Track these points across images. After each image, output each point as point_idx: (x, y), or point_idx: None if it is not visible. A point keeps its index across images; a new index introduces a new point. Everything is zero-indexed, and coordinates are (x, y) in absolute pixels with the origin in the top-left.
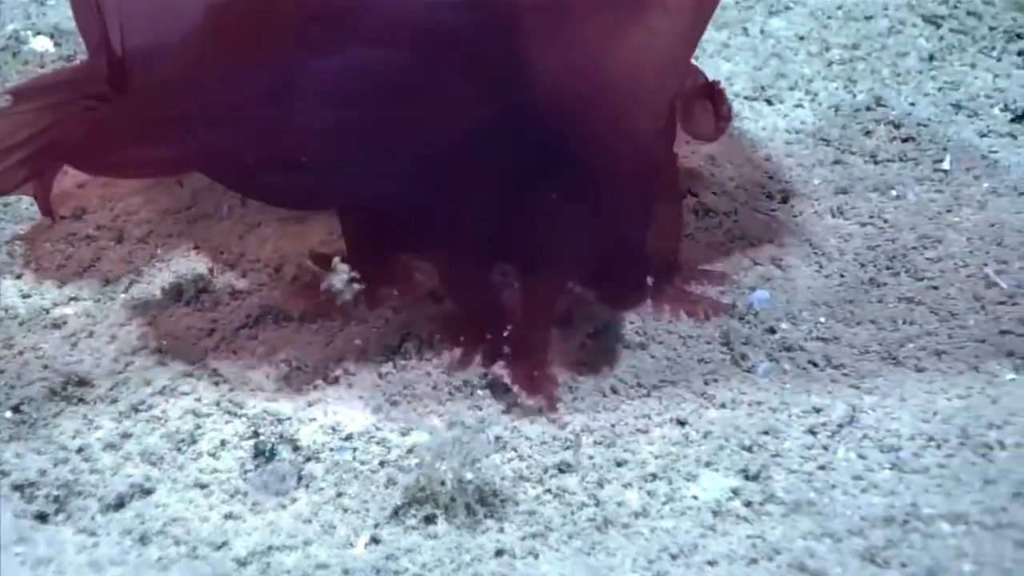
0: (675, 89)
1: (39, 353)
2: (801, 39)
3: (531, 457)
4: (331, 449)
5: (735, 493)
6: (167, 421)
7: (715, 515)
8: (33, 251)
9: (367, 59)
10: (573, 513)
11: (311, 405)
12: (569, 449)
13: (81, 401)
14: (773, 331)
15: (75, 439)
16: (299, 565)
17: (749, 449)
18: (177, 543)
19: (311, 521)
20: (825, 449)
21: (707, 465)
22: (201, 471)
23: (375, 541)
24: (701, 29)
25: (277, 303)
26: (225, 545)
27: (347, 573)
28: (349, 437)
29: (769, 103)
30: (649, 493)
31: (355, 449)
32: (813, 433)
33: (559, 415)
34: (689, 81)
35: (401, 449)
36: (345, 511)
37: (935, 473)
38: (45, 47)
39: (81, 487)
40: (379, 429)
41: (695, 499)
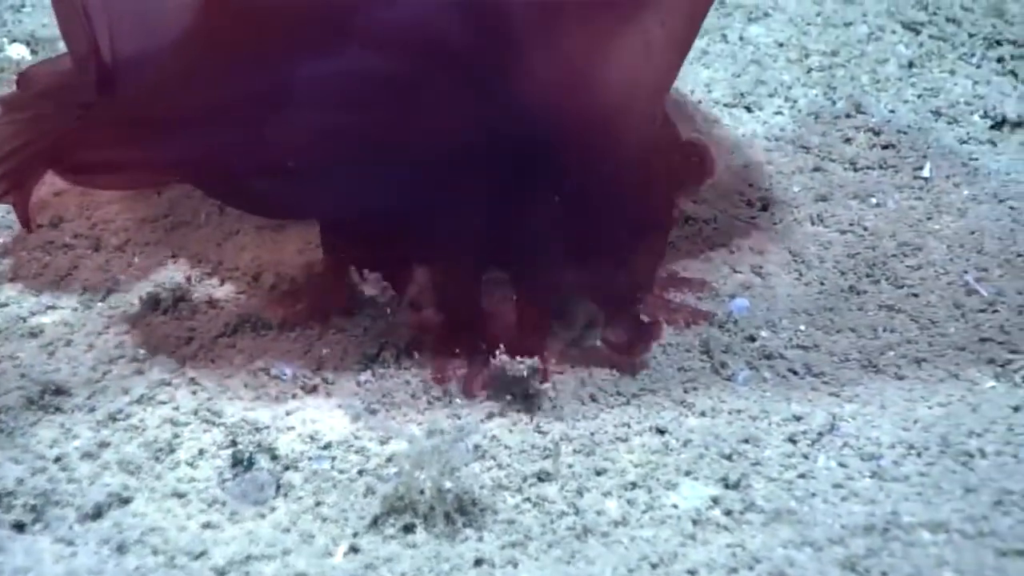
0: (666, 96)
1: (16, 362)
2: (780, 46)
3: (510, 466)
4: (310, 458)
5: (715, 502)
6: (145, 430)
7: (695, 524)
8: (10, 260)
9: (360, 64)
10: (552, 522)
11: (289, 414)
12: (548, 458)
13: (58, 410)
14: (753, 339)
15: (52, 448)
16: (278, 574)
17: (729, 457)
18: (155, 552)
19: (290, 530)
20: (805, 457)
21: (687, 474)
22: (179, 480)
23: (354, 550)
24: (694, 37)
25: (255, 311)
26: (203, 555)
27: None
28: (328, 446)
29: (748, 110)
30: (629, 502)
31: (334, 458)
32: (793, 441)
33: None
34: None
35: (380, 458)
36: (324, 520)
37: (916, 481)
38: (21, 54)
39: (59, 496)
40: (358, 438)
41: (675, 508)
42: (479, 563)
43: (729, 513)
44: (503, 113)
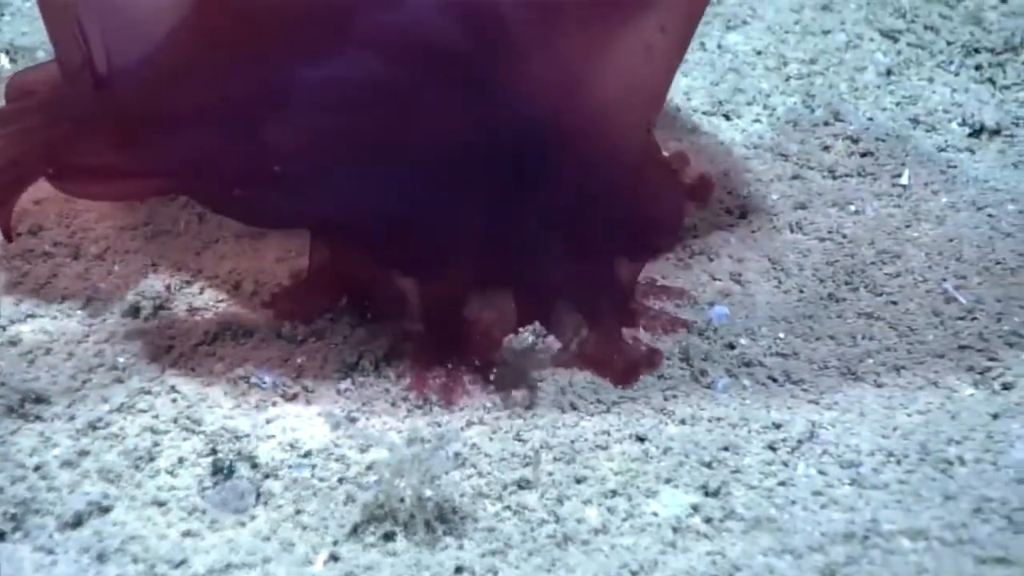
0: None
1: None
2: (759, 54)
3: (490, 474)
4: (290, 466)
5: (695, 509)
6: (125, 438)
7: (675, 531)
8: None
9: (358, 67)
10: (533, 530)
11: (269, 422)
12: (528, 466)
13: (38, 418)
14: (732, 347)
15: (32, 457)
16: None
17: (709, 465)
18: (135, 561)
19: (270, 538)
20: (785, 465)
21: (667, 481)
22: (159, 488)
23: (334, 558)
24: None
25: (236, 319)
26: (184, 563)
27: None
28: (308, 454)
29: (727, 118)
30: (609, 510)
31: (314, 466)
32: (773, 449)
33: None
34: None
35: (360, 466)
36: (304, 528)
37: (895, 489)
38: (1, 63)
39: (39, 505)
40: (338, 446)
41: (655, 515)
42: (459, 571)
43: (709, 521)
44: (501, 116)
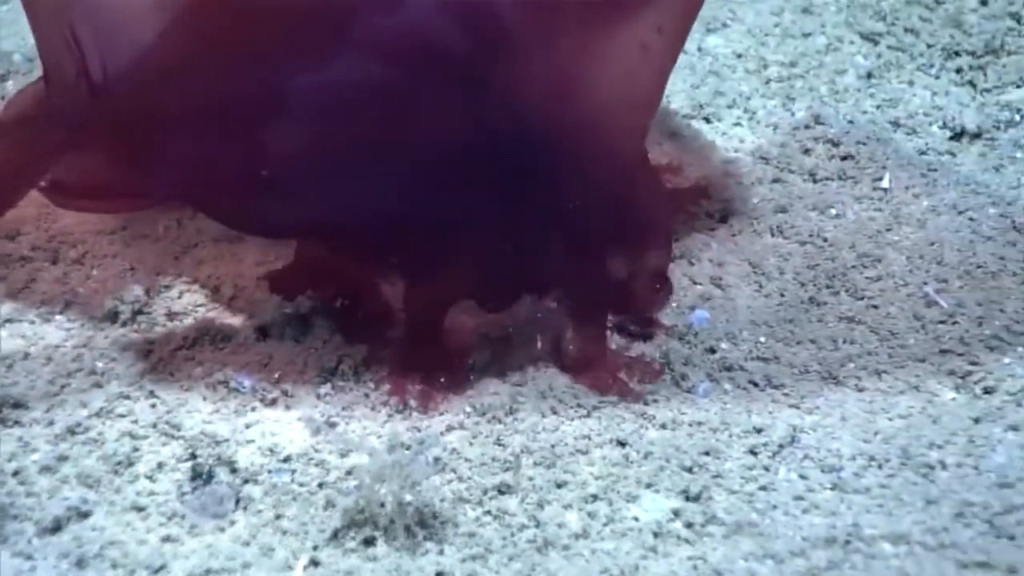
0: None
1: None
2: (739, 57)
3: (471, 478)
4: (269, 471)
5: (676, 514)
6: (104, 443)
7: (656, 536)
8: None
9: (356, 71)
10: (513, 535)
11: (249, 427)
12: (509, 470)
13: (17, 423)
14: (713, 351)
15: (11, 462)
16: None
17: (690, 470)
18: (115, 566)
19: (249, 544)
20: (766, 469)
21: (648, 486)
22: (138, 494)
23: (314, 563)
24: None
25: (214, 324)
26: (163, 568)
27: None
28: (287, 459)
29: (707, 121)
30: (589, 514)
31: (293, 471)
32: (754, 453)
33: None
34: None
35: (340, 471)
36: (284, 533)
37: (876, 493)
38: None
39: (17, 510)
40: (318, 451)
41: (636, 520)
42: None
43: (690, 526)
44: (499, 116)
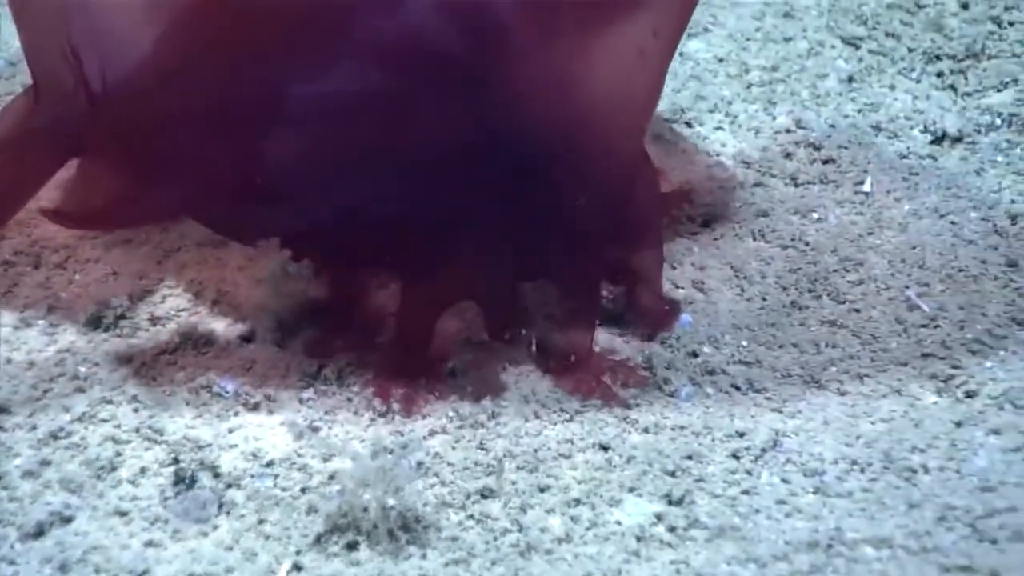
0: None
1: None
2: (720, 61)
3: (454, 483)
4: (252, 476)
5: (658, 518)
6: (87, 448)
7: (639, 540)
8: None
9: (355, 74)
10: (496, 539)
11: (232, 431)
12: (492, 475)
13: None
14: (695, 355)
15: None
16: None
17: (672, 474)
18: (97, 571)
19: (232, 548)
20: (748, 473)
21: (630, 490)
22: (121, 498)
23: (297, 568)
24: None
25: (197, 329)
26: (146, 573)
27: None
28: (270, 463)
29: (689, 125)
30: (572, 518)
31: (276, 476)
32: (736, 457)
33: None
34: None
35: (323, 475)
36: (267, 538)
37: (859, 497)
38: None
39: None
40: (300, 455)
41: (618, 524)
42: None
43: (673, 530)
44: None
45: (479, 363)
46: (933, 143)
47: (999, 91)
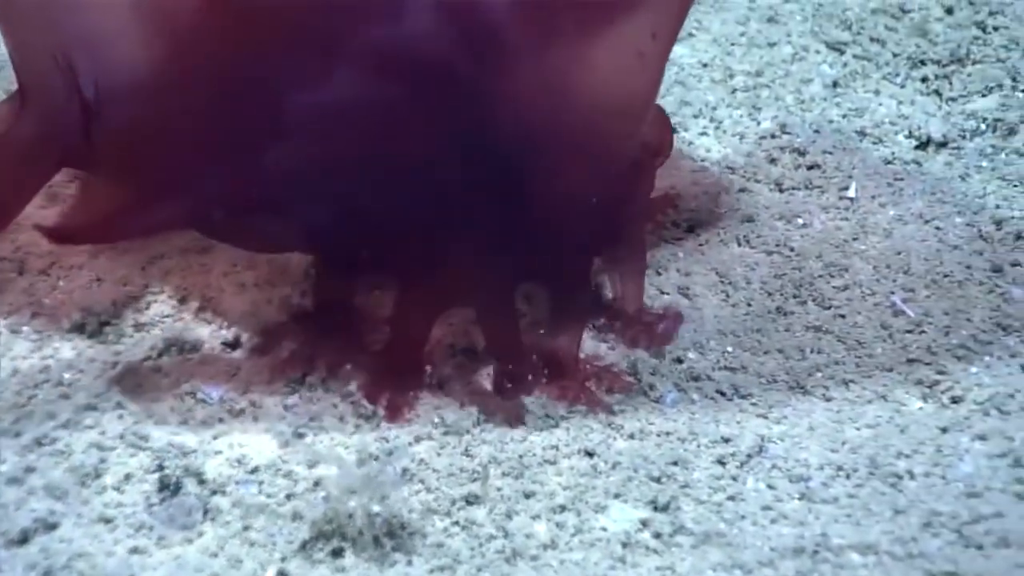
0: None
1: None
2: (704, 66)
3: (439, 489)
4: (237, 482)
5: (644, 524)
6: (71, 455)
7: (624, 547)
8: None
9: (355, 84)
10: (481, 545)
11: (216, 438)
12: (477, 481)
13: None
14: (680, 361)
15: None
16: None
17: (658, 480)
18: None
19: (217, 555)
20: (734, 479)
21: (616, 496)
22: (106, 505)
23: (282, 575)
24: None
25: (182, 335)
26: None
27: None
28: (255, 470)
29: (673, 131)
30: (558, 525)
31: (261, 482)
32: (722, 463)
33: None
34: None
35: (308, 482)
36: (252, 545)
37: (845, 503)
38: None
39: None
40: (285, 462)
41: (604, 531)
42: None
43: (659, 536)
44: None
45: (465, 369)
46: (918, 148)
47: (984, 96)
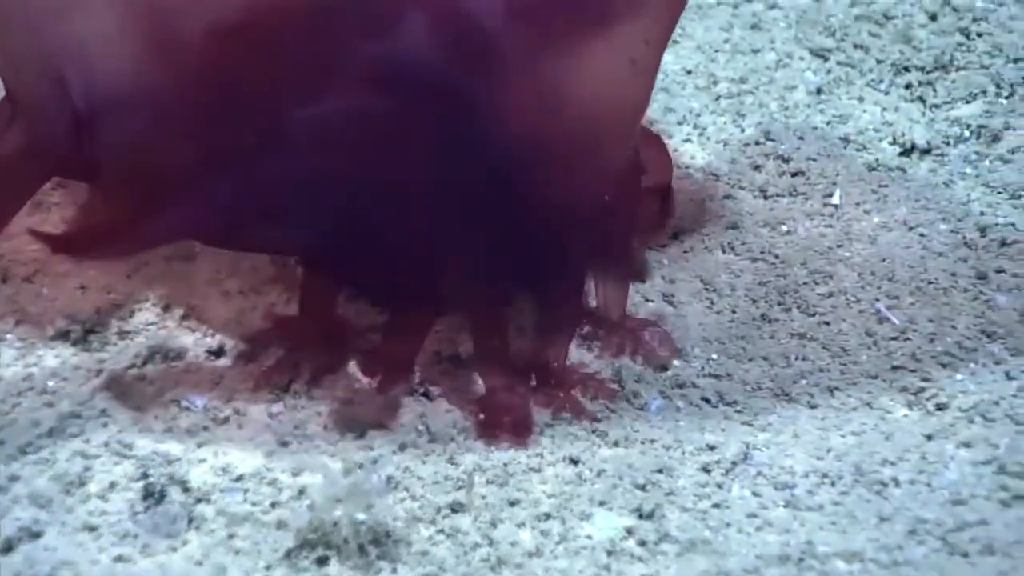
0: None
1: None
2: (688, 73)
3: (424, 497)
4: (222, 490)
5: (629, 532)
6: (55, 463)
7: (609, 555)
8: None
9: (351, 100)
10: (466, 553)
11: (201, 446)
12: (462, 489)
13: None
14: (665, 368)
15: None
16: None
17: (643, 488)
18: None
19: (202, 563)
20: (719, 487)
21: (601, 504)
22: (90, 513)
23: None
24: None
25: (166, 343)
26: None
27: None
28: (240, 478)
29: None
30: (543, 533)
31: (246, 490)
32: (707, 471)
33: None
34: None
35: (292, 490)
36: (237, 553)
37: (830, 511)
38: None
39: None
40: (270, 470)
41: (589, 539)
42: None
43: (643, 544)
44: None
45: (450, 376)
46: (902, 155)
47: (968, 103)
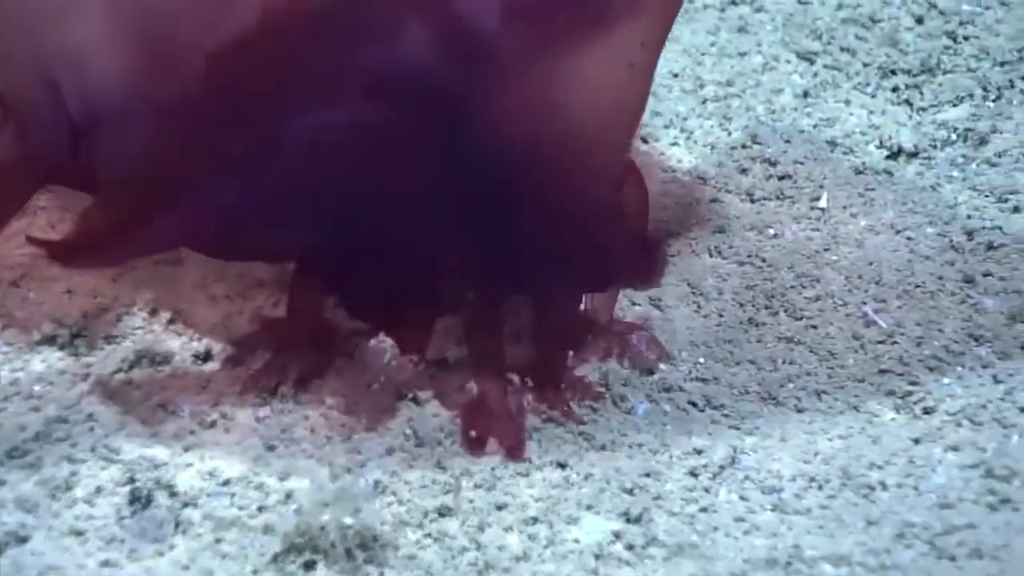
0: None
1: None
2: (675, 76)
3: (411, 501)
4: (208, 495)
5: (617, 536)
6: (41, 468)
7: (597, 558)
8: None
9: (353, 109)
10: (454, 557)
11: (188, 450)
12: (449, 493)
13: None
14: (652, 372)
15: None
16: None
17: (630, 491)
18: None
19: (189, 568)
20: (706, 491)
21: (588, 508)
22: (77, 518)
23: None
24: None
25: (153, 347)
26: None
27: None
28: (227, 482)
29: (644, 141)
30: (530, 537)
31: (233, 495)
32: (694, 475)
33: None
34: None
35: (280, 494)
36: (223, 557)
37: (817, 514)
38: None
39: None
40: (257, 474)
41: (576, 542)
42: None
43: (631, 547)
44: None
45: (438, 381)
46: (889, 158)
47: (954, 106)
